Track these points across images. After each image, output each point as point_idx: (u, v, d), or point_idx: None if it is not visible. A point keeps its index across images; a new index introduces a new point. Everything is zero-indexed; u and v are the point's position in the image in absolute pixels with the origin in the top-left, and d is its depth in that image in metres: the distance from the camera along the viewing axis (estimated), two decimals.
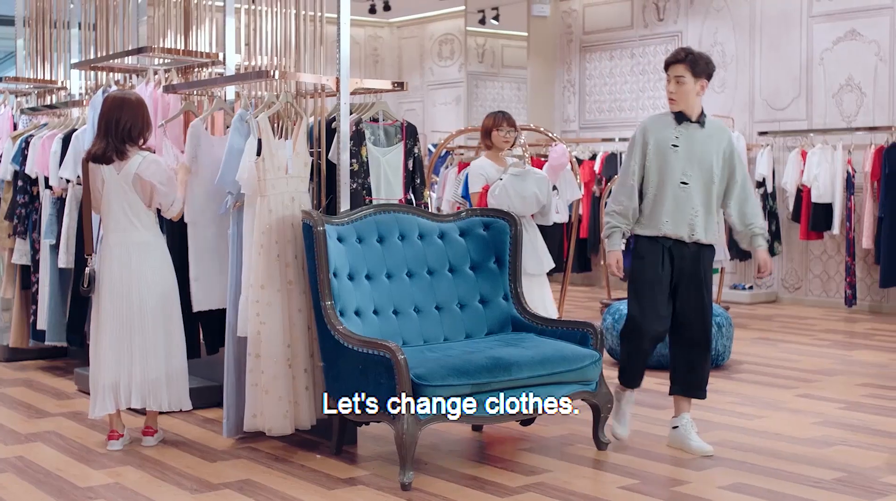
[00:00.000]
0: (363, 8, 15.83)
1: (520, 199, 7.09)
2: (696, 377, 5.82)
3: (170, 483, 5.20)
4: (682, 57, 5.72)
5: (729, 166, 5.78)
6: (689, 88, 5.71)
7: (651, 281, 5.72)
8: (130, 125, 5.75)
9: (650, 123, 5.87)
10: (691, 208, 5.68)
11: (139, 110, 5.81)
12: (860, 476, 5.32)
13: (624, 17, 14.23)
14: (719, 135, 5.81)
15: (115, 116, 5.75)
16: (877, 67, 11.59)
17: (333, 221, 5.71)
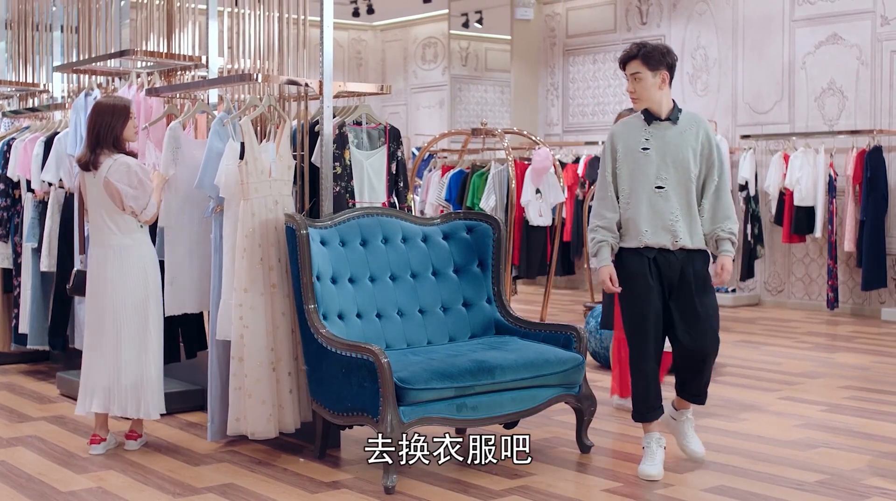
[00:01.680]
0: (347, 11, 15.83)
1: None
2: (693, 385, 5.49)
3: (152, 487, 5.19)
4: (635, 52, 5.35)
5: (707, 162, 5.41)
6: (648, 83, 5.32)
7: (642, 297, 5.34)
8: (99, 130, 5.76)
9: (618, 127, 5.55)
10: (670, 213, 5.31)
11: (108, 115, 5.79)
12: (842, 478, 5.34)
13: (607, 21, 14.26)
14: (694, 129, 5.41)
15: (90, 122, 5.83)
16: (858, 70, 11.64)
17: (317, 224, 5.71)
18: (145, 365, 5.83)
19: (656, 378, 5.43)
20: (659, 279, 5.36)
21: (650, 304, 5.34)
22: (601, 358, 8.41)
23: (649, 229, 5.32)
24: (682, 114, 5.44)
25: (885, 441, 6.08)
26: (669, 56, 5.38)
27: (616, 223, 5.41)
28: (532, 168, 8.60)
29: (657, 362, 5.42)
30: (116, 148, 5.79)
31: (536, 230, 8.97)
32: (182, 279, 6.28)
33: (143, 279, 5.83)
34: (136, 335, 5.81)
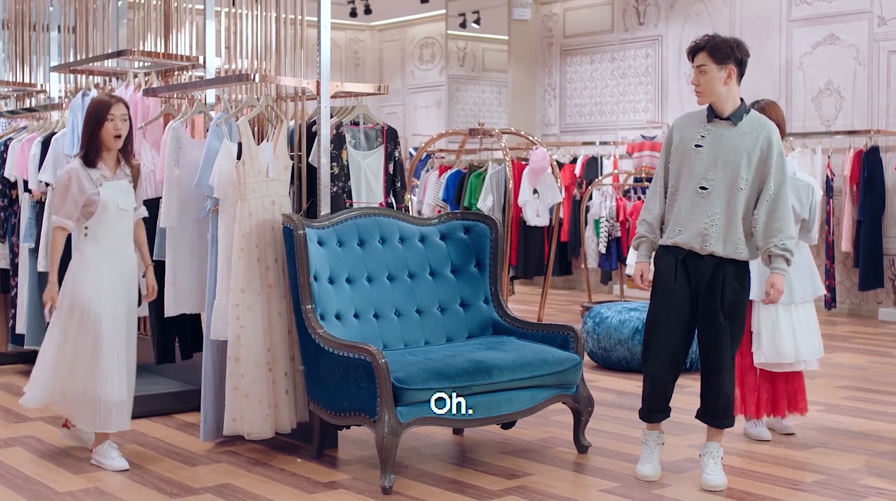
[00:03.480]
0: (344, 11, 15.83)
1: None
2: (709, 404, 5.27)
3: (150, 488, 5.18)
4: (703, 44, 5.15)
5: (762, 170, 5.11)
6: (714, 76, 5.11)
7: (664, 297, 5.20)
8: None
9: (679, 119, 5.35)
10: (708, 216, 5.08)
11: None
12: (840, 478, 5.34)
13: (604, 21, 14.26)
14: (755, 133, 5.13)
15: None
16: (855, 71, 11.64)
17: (314, 224, 5.71)
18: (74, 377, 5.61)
19: (663, 382, 5.29)
20: (687, 282, 5.18)
21: (669, 305, 5.20)
22: (598, 358, 8.42)
23: (684, 229, 5.14)
24: (748, 116, 5.20)
25: (883, 440, 6.09)
26: (739, 50, 5.18)
27: (660, 218, 5.28)
28: (529, 168, 8.60)
29: (670, 366, 5.25)
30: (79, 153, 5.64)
31: (534, 230, 8.98)
32: (183, 280, 6.28)
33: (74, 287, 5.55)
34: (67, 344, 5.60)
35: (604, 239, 11.47)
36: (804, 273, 6.04)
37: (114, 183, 5.52)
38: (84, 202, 5.43)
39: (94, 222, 5.47)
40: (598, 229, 11.61)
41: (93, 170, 5.48)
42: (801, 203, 5.91)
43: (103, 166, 5.51)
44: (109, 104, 5.47)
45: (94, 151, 5.49)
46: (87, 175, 5.45)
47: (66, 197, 5.43)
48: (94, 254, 5.49)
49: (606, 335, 8.28)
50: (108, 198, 5.46)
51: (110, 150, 5.52)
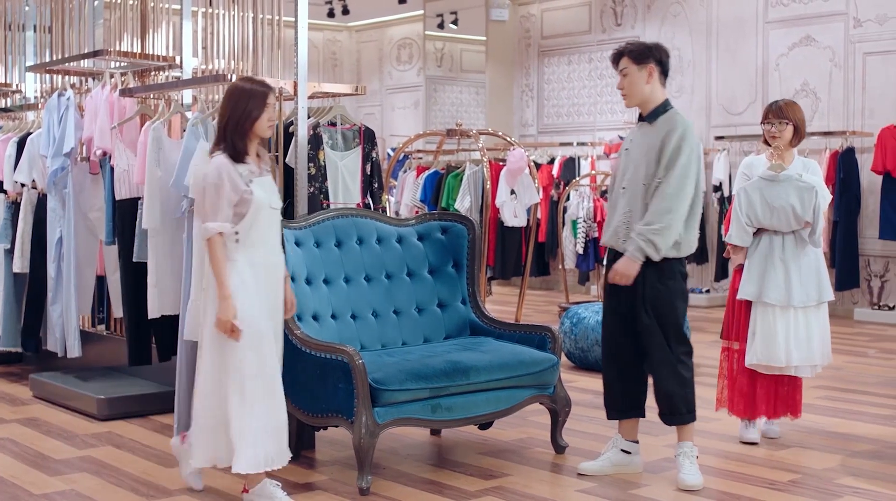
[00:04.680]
0: (322, 12, 15.81)
1: (766, 208, 5.91)
2: (657, 403, 5.33)
3: (125, 489, 5.17)
4: (623, 49, 5.29)
5: (665, 163, 5.15)
6: (635, 77, 5.23)
7: (605, 298, 5.40)
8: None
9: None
10: (623, 214, 5.20)
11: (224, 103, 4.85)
12: (815, 477, 5.37)
13: (582, 22, 14.29)
14: (663, 130, 5.21)
15: None
16: (831, 72, 11.70)
17: (291, 225, 5.70)
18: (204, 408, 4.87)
19: (617, 380, 5.38)
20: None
21: (608, 304, 5.38)
22: (576, 359, 8.43)
23: (607, 228, 5.35)
24: (664, 114, 5.29)
25: (858, 440, 6.12)
26: (658, 51, 5.29)
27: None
28: (507, 169, 8.59)
29: (616, 365, 5.36)
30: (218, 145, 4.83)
31: (511, 231, 8.98)
32: (165, 282, 6.26)
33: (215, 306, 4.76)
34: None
35: (581, 240, 11.48)
36: (808, 278, 5.93)
37: (262, 179, 4.77)
38: (237, 202, 4.67)
39: (245, 226, 4.69)
40: (575, 230, 11.62)
41: (241, 165, 4.70)
42: (804, 206, 5.84)
43: (250, 161, 4.75)
44: (266, 93, 4.74)
45: (243, 144, 4.71)
46: (237, 172, 4.68)
47: (221, 197, 4.63)
48: (248, 263, 4.71)
49: (584, 335, 8.30)
50: (260, 197, 4.70)
51: (254, 142, 4.79)
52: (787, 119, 6.01)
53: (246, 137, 4.71)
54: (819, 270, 6.01)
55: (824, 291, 6.02)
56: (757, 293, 5.90)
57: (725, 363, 6.15)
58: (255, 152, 4.80)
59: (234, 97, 4.73)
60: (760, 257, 5.94)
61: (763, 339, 5.89)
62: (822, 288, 6.00)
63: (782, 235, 5.92)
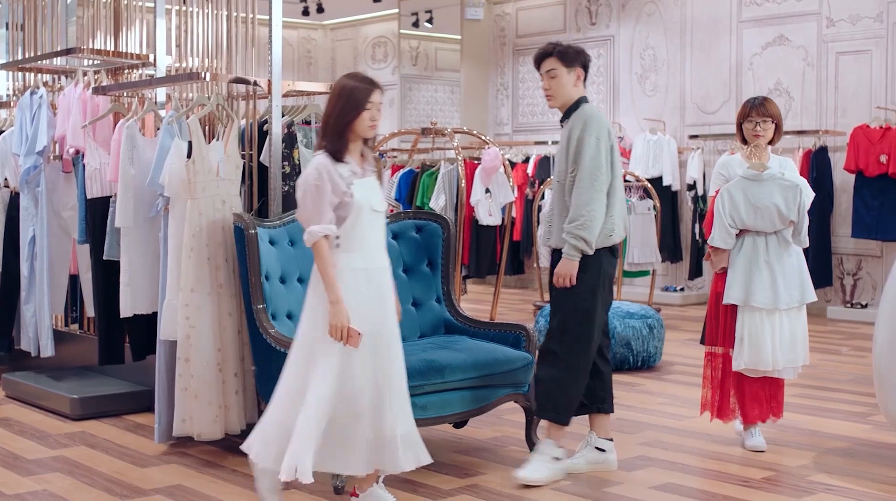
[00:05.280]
0: (296, 10, 15.78)
1: (750, 209, 5.81)
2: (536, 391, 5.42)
3: (99, 489, 5.14)
4: (551, 50, 5.29)
5: (574, 157, 5.21)
6: (564, 79, 5.27)
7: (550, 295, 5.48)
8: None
9: None
10: (547, 212, 5.23)
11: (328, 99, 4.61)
12: (788, 475, 5.40)
13: (557, 21, 14.31)
14: (571, 124, 5.27)
15: None
16: (804, 71, 11.76)
17: (265, 224, 5.68)
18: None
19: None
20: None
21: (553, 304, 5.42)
22: None
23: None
24: (574, 112, 5.32)
25: (830, 437, 6.15)
26: (584, 55, 5.36)
27: None
28: (482, 168, 8.61)
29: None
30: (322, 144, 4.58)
31: (486, 230, 8.99)
32: (137, 280, 6.23)
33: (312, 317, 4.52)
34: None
35: None
36: (792, 279, 5.83)
37: (364, 180, 4.53)
38: (337, 205, 4.44)
39: (347, 230, 4.45)
40: None
41: (341, 165, 4.47)
42: (788, 205, 5.77)
43: (351, 161, 4.51)
44: (370, 90, 4.51)
45: (343, 143, 4.49)
46: (338, 172, 4.44)
47: (322, 199, 4.39)
48: (349, 268, 4.44)
49: None
50: (361, 199, 4.46)
51: (356, 142, 4.54)
52: (771, 117, 5.97)
53: (345, 137, 4.47)
54: (801, 270, 5.90)
55: (807, 292, 5.90)
56: (743, 297, 5.77)
57: (710, 369, 5.99)
58: (359, 152, 4.55)
59: (335, 94, 4.51)
60: (744, 259, 5.80)
61: (752, 343, 5.75)
62: (804, 289, 5.89)
63: (765, 236, 5.81)
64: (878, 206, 11.05)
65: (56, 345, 7.29)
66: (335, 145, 4.46)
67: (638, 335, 8.26)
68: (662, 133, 12.72)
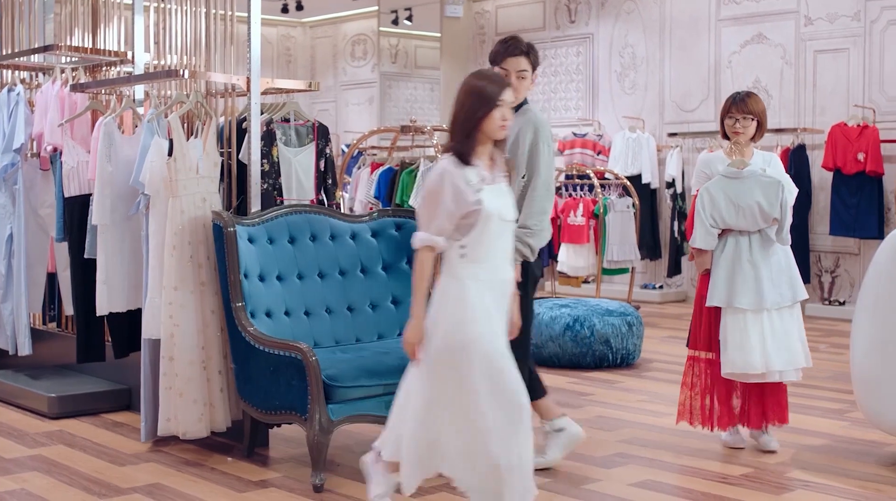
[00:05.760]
0: (275, 7, 15.74)
1: (731, 208, 5.67)
2: None
3: (77, 488, 5.12)
4: (525, 49, 5.22)
5: (527, 162, 5.19)
6: (529, 80, 5.25)
7: None
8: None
9: None
10: None
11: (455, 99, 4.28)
12: (767, 471, 5.42)
13: (536, 19, 14.32)
14: (518, 123, 5.16)
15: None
16: (783, 70, 11.81)
17: (244, 221, 5.67)
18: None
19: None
20: None
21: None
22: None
23: None
24: (520, 109, 5.26)
25: (808, 434, 6.18)
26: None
27: None
28: None
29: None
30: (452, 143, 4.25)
31: None
32: (114, 279, 6.21)
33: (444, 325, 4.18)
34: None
35: None
36: (780, 278, 5.69)
37: (494, 187, 4.18)
38: (464, 214, 4.11)
39: (473, 239, 4.12)
40: None
41: (469, 170, 4.13)
42: (770, 202, 5.62)
43: (480, 165, 4.18)
44: (501, 88, 4.20)
45: (472, 145, 4.16)
46: (464, 177, 4.10)
47: (437, 205, 4.09)
48: (473, 279, 4.13)
49: (538, 331, 8.32)
50: (490, 207, 4.11)
51: (486, 144, 4.20)
52: (752, 114, 5.81)
53: (473, 138, 4.14)
54: (790, 267, 5.76)
55: (798, 289, 5.75)
56: (726, 299, 5.61)
57: (691, 373, 5.82)
58: (489, 155, 4.21)
59: (463, 93, 4.21)
60: (727, 260, 5.65)
61: (736, 346, 5.56)
62: (794, 286, 5.74)
63: (748, 235, 5.67)
64: (856, 203, 11.11)
65: (34, 343, 7.26)
66: (462, 147, 4.13)
67: (617, 333, 8.28)
68: (641, 131, 12.75)
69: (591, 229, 10.89)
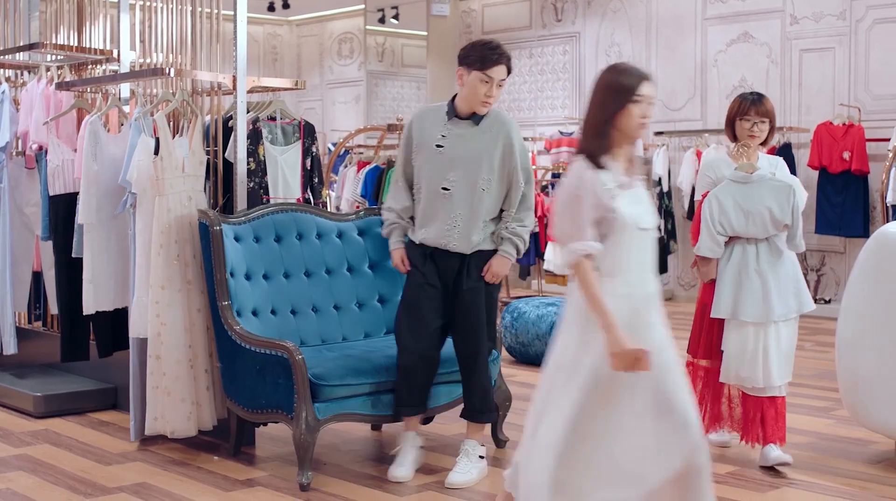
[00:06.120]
0: (262, 5, 15.72)
1: (741, 214, 5.37)
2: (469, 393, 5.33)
3: (63, 488, 5.11)
4: (508, 57, 5.14)
5: (507, 169, 5.15)
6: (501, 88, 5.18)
7: (416, 289, 5.22)
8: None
9: (418, 115, 5.30)
10: (450, 217, 5.09)
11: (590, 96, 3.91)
12: (753, 469, 5.43)
13: (523, 18, 14.33)
14: (495, 131, 5.14)
15: None
16: (768, 69, 11.83)
17: (230, 220, 5.66)
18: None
19: (415, 374, 5.26)
20: (437, 276, 5.21)
21: (420, 298, 5.22)
22: (516, 353, 8.46)
23: (427, 228, 5.19)
24: (489, 115, 5.20)
25: (794, 432, 6.18)
26: None
27: (409, 209, 5.28)
28: None
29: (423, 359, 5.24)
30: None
31: None
32: (100, 278, 6.19)
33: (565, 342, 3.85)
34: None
35: None
36: (787, 289, 5.39)
37: (631, 192, 3.79)
38: (597, 221, 3.71)
39: (608, 250, 3.73)
40: None
41: (603, 173, 3.72)
42: (781, 207, 5.32)
43: (616, 167, 3.77)
44: (639, 80, 3.78)
45: (605, 144, 3.77)
46: (600, 181, 3.71)
47: (581, 212, 3.70)
48: (612, 296, 3.70)
49: (524, 330, 8.33)
50: (626, 215, 3.72)
51: (623, 144, 3.81)
52: (768, 116, 5.52)
53: (608, 138, 3.75)
54: (797, 278, 5.46)
55: (804, 300, 5.45)
56: (732, 311, 5.35)
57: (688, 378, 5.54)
58: (626, 157, 3.82)
59: (597, 88, 3.85)
60: (733, 269, 5.37)
61: (740, 359, 5.35)
62: (801, 298, 5.44)
63: (756, 243, 5.37)
64: (841, 202, 11.14)
65: (19, 342, 7.23)
66: (594, 146, 3.74)
67: None
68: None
69: None
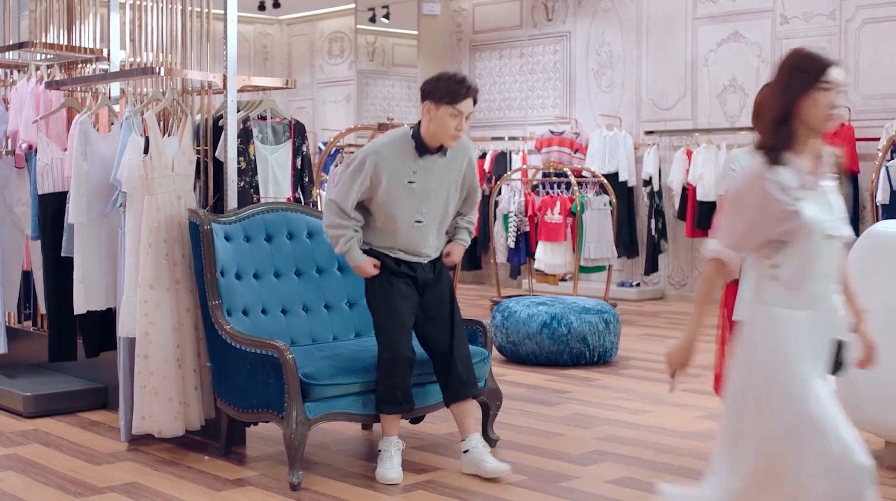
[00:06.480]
0: (252, 4, 15.70)
1: None
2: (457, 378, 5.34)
3: (53, 487, 5.10)
4: (475, 92, 5.18)
5: (467, 186, 5.42)
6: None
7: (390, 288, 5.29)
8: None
9: (382, 153, 5.21)
10: (426, 242, 5.31)
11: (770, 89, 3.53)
12: None
13: (513, 17, 14.33)
14: (459, 159, 5.33)
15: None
16: (759, 68, 11.84)
17: (220, 219, 5.65)
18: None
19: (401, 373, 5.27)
20: (413, 278, 5.32)
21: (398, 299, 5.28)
22: (507, 353, 8.46)
23: (402, 249, 5.29)
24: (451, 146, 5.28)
25: None
26: None
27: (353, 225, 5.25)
28: None
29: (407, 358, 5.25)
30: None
31: None
32: (91, 277, 6.18)
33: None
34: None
35: (512, 234, 11.53)
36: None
37: (818, 193, 3.38)
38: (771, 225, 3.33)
39: (787, 258, 3.36)
40: (506, 224, 11.66)
41: (784, 171, 3.32)
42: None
43: (799, 164, 3.36)
44: (827, 65, 3.36)
45: (786, 137, 3.35)
46: (778, 181, 3.30)
47: (740, 214, 3.38)
48: (788, 306, 3.37)
49: (515, 329, 8.33)
50: (811, 218, 3.30)
51: (808, 137, 3.38)
52: None
53: (791, 130, 3.34)
54: None
55: None
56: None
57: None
58: (814, 152, 3.41)
59: (778, 73, 3.45)
60: None
61: None
62: None
63: None
64: None
65: (9, 342, 7.22)
66: (774, 140, 3.34)
67: (594, 330, 8.29)
68: (618, 129, 12.77)
69: (569, 226, 10.91)
